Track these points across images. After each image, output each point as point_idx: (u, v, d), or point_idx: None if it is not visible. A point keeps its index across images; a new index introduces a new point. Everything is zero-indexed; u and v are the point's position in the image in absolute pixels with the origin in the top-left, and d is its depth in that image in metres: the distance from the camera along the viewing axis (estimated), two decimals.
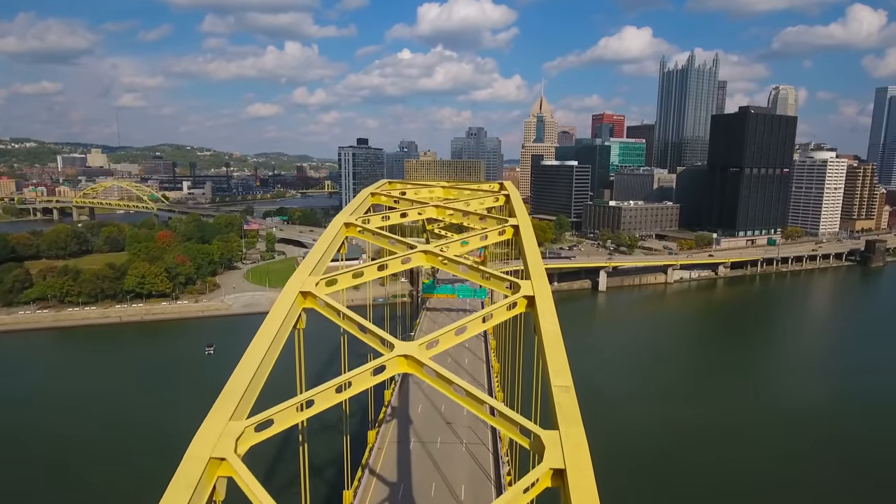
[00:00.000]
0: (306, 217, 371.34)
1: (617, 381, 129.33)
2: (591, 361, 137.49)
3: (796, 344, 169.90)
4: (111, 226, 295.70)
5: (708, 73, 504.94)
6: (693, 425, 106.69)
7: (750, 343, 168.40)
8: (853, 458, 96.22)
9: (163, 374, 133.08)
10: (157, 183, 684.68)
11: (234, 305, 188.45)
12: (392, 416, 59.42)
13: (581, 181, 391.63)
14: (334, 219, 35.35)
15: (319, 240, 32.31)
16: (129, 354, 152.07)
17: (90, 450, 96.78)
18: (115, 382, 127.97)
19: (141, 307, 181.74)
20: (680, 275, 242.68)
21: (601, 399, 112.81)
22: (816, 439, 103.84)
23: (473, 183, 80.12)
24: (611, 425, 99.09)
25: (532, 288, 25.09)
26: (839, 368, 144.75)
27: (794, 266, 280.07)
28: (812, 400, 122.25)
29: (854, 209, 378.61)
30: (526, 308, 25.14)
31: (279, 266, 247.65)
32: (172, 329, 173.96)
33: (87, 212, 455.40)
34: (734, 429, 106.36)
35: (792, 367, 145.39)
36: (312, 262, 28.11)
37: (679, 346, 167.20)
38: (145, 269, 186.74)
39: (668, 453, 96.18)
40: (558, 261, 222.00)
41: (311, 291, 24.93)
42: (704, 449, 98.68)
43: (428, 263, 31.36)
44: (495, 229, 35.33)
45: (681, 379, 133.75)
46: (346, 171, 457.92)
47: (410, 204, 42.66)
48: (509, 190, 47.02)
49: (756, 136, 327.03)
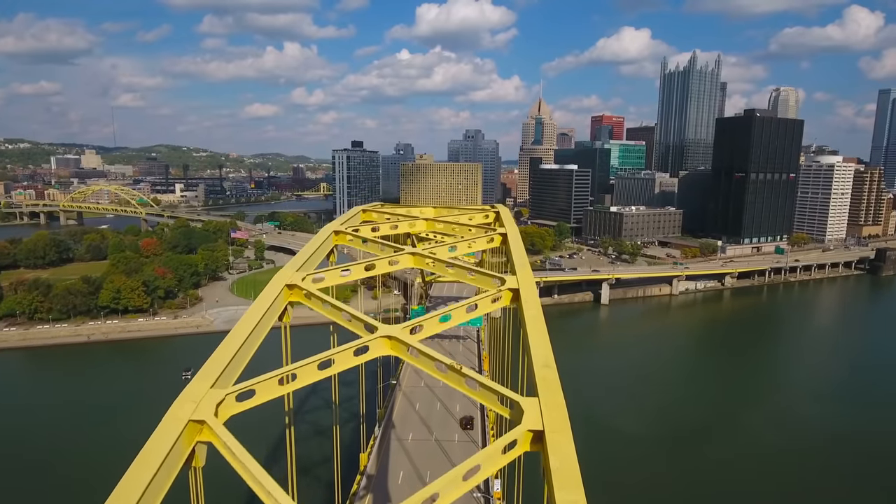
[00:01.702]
0: (298, 223, 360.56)
1: (625, 416, 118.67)
2: (594, 388, 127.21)
3: (815, 367, 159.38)
4: (93, 233, 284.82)
5: (710, 74, 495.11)
6: (715, 477, 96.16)
7: (766, 367, 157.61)
8: None
9: (130, 403, 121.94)
10: (150, 185, 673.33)
11: (215, 321, 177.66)
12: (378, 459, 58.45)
13: (581, 185, 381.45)
14: (324, 227, 36.45)
15: (308, 244, 32.64)
16: (97, 379, 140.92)
17: None
18: (74, 412, 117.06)
19: (115, 324, 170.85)
20: (685, 286, 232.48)
21: (609, 440, 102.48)
22: None
23: (466, 207, 74.16)
24: (621, 473, 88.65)
25: (517, 281, 25.72)
26: (864, 394, 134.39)
27: (802, 275, 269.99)
28: (838, 433, 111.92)
29: (861, 215, 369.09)
30: (511, 302, 25.56)
31: (267, 276, 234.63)
32: (149, 348, 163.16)
33: (76, 216, 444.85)
34: (762, 476, 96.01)
35: (813, 394, 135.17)
36: (300, 261, 28.58)
37: (691, 370, 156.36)
38: (121, 283, 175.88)
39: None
40: (559, 273, 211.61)
41: (297, 284, 25.30)
42: None
43: (415, 264, 31.81)
44: (483, 237, 36.31)
45: (697, 414, 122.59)
46: (340, 174, 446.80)
47: (400, 218, 43.42)
48: (500, 209, 46.82)
49: (762, 139, 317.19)
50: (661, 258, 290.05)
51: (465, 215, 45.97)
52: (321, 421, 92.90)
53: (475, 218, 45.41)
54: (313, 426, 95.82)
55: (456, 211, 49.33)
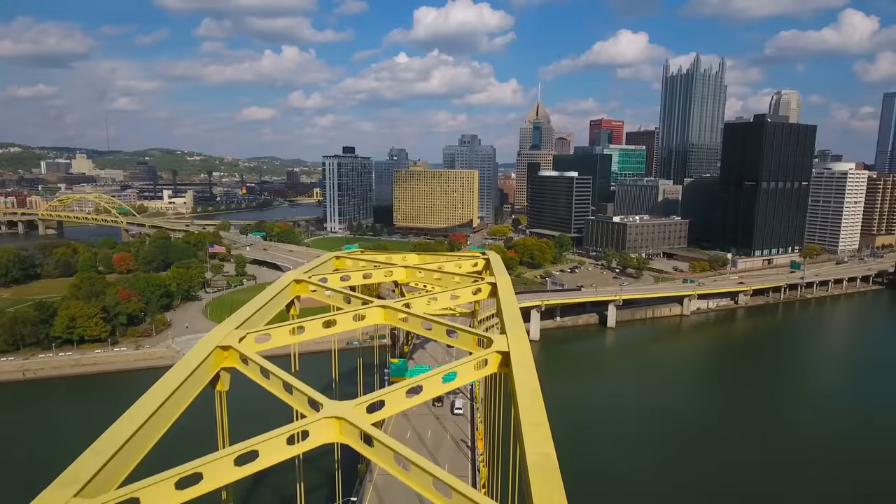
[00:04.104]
0: (285, 234, 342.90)
1: (640, 469, 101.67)
2: (603, 433, 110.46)
3: (852, 407, 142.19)
4: (64, 246, 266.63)
5: (714, 77, 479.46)
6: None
7: (795, 405, 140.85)
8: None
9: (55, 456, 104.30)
10: (137, 192, 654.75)
11: (182, 351, 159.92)
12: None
13: (581, 193, 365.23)
14: (284, 274, 35.09)
15: (261, 293, 30.60)
16: (37, 428, 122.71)
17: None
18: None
19: (68, 357, 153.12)
20: (697, 305, 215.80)
21: None
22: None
23: (454, 254, 60.29)
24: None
25: (507, 343, 22.62)
26: None
27: (818, 291, 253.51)
28: None
29: (874, 224, 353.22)
30: (499, 367, 22.51)
31: (246, 296, 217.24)
32: (108, 385, 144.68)
33: (56, 225, 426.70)
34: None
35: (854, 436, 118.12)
36: (244, 315, 26.54)
37: (712, 408, 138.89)
38: (76, 310, 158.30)
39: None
40: (562, 295, 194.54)
41: (231, 346, 22.65)
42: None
43: (386, 320, 29.26)
44: (469, 287, 33.73)
45: (724, 465, 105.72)
46: (330, 181, 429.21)
47: (375, 265, 41.29)
48: (491, 255, 43.85)
49: (773, 146, 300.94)
50: (668, 272, 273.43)
51: (451, 262, 43.36)
52: None
53: (463, 265, 42.34)
54: None
55: (442, 257, 46.62)
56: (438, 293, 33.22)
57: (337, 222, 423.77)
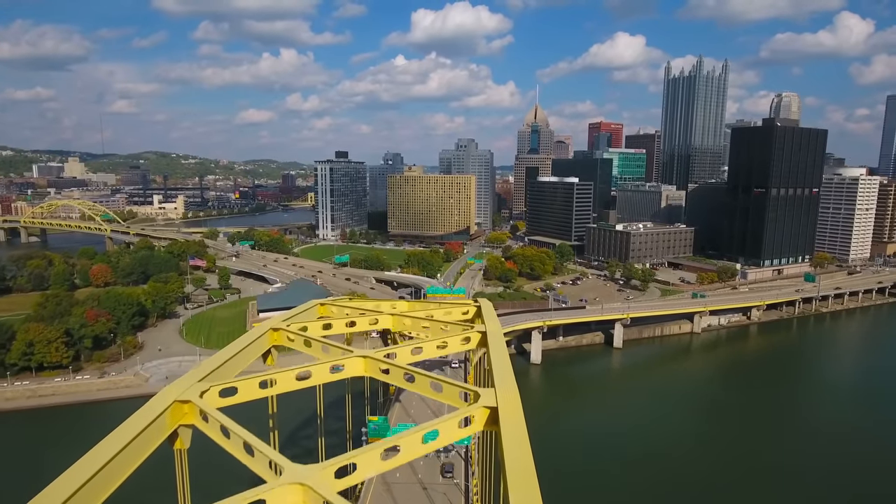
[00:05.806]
0: (275, 243, 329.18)
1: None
2: (611, 475, 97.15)
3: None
4: (38, 258, 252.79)
5: (717, 79, 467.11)
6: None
7: (820, 440, 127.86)
8: None
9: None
10: (126, 197, 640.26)
11: (151, 379, 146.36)
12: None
13: (582, 200, 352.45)
14: (262, 323, 33.05)
15: (234, 342, 29.49)
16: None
17: None
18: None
19: (24, 387, 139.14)
20: (708, 321, 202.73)
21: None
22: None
23: (445, 301, 54.45)
24: None
25: (495, 398, 21.06)
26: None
27: (833, 305, 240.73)
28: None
29: (885, 231, 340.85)
30: (486, 424, 20.92)
31: (226, 313, 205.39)
32: (67, 418, 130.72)
33: (39, 232, 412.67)
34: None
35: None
36: (211, 366, 25.03)
37: (732, 448, 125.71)
38: (35, 334, 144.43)
39: None
40: (566, 313, 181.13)
41: (191, 400, 21.26)
42: None
43: (366, 372, 27.68)
44: (458, 336, 32.90)
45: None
46: (323, 187, 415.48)
47: (361, 313, 39.98)
48: (482, 303, 41.82)
49: (784, 151, 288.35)
50: (675, 284, 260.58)
51: (441, 310, 42.26)
52: None
53: (453, 312, 41.43)
54: None
55: (431, 305, 46.10)
56: (424, 342, 31.65)
57: (329, 230, 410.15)
